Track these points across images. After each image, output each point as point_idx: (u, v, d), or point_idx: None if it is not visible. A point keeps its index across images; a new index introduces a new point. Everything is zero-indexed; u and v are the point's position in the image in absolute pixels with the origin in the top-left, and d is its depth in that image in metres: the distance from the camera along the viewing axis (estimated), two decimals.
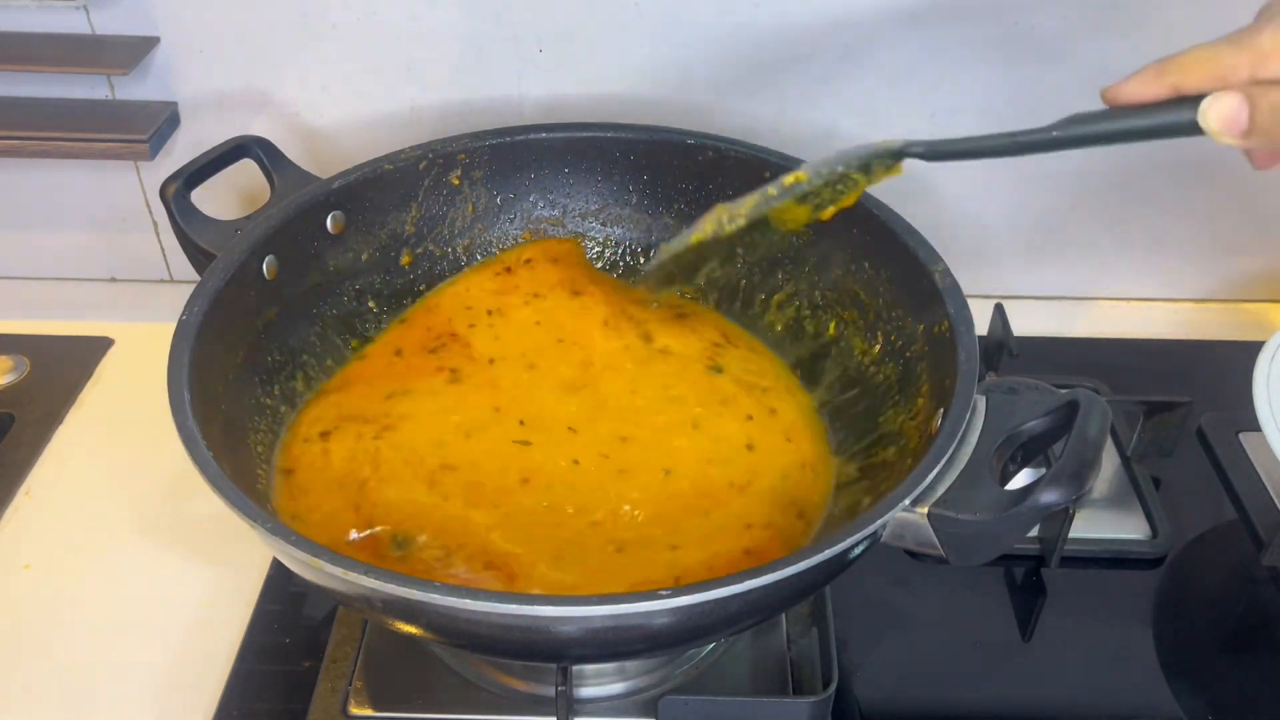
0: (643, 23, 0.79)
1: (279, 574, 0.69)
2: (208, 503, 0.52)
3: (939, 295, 0.62)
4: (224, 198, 0.82)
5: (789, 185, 0.61)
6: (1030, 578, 0.71)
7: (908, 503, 0.51)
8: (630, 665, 0.63)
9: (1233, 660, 0.68)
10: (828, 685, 0.59)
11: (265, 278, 0.67)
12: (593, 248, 0.80)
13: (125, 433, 0.79)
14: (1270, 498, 0.74)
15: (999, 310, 0.76)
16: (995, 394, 0.55)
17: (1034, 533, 0.71)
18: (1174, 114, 0.46)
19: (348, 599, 0.53)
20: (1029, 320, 0.83)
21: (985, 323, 0.76)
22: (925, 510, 0.50)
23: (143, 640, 0.66)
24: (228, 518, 0.51)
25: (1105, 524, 0.72)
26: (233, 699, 0.63)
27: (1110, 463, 0.76)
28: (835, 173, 0.58)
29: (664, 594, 0.47)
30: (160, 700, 0.64)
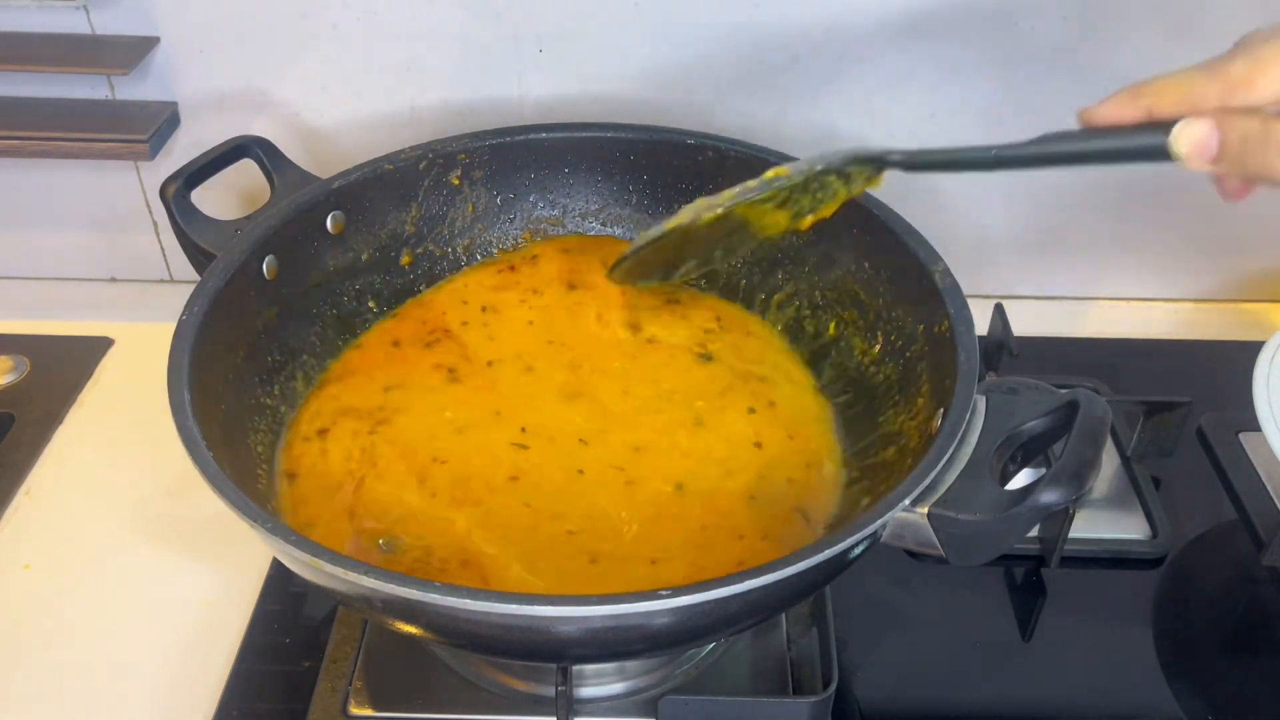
0: (643, 23, 0.79)
1: (279, 574, 0.69)
2: (208, 503, 0.52)
3: (939, 295, 0.62)
4: (224, 198, 0.82)
5: (769, 179, 0.61)
6: (1030, 578, 0.71)
7: (908, 503, 0.51)
8: (630, 665, 0.63)
9: (1233, 660, 0.68)
10: (828, 685, 0.59)
11: (265, 278, 0.67)
12: None
13: (125, 433, 0.79)
14: (1270, 498, 0.74)
15: (999, 310, 0.76)
16: (995, 394, 0.55)
17: (1034, 533, 0.71)
18: (1146, 137, 0.47)
19: (348, 599, 0.53)
20: (1029, 320, 0.84)
21: (985, 323, 0.76)
22: (925, 510, 0.50)
23: (143, 640, 0.66)
24: (228, 518, 0.51)
25: (1105, 524, 0.72)
26: (233, 699, 0.63)
27: (1110, 463, 0.76)
28: (814, 171, 0.58)
29: (664, 594, 0.47)
30: (160, 700, 0.64)
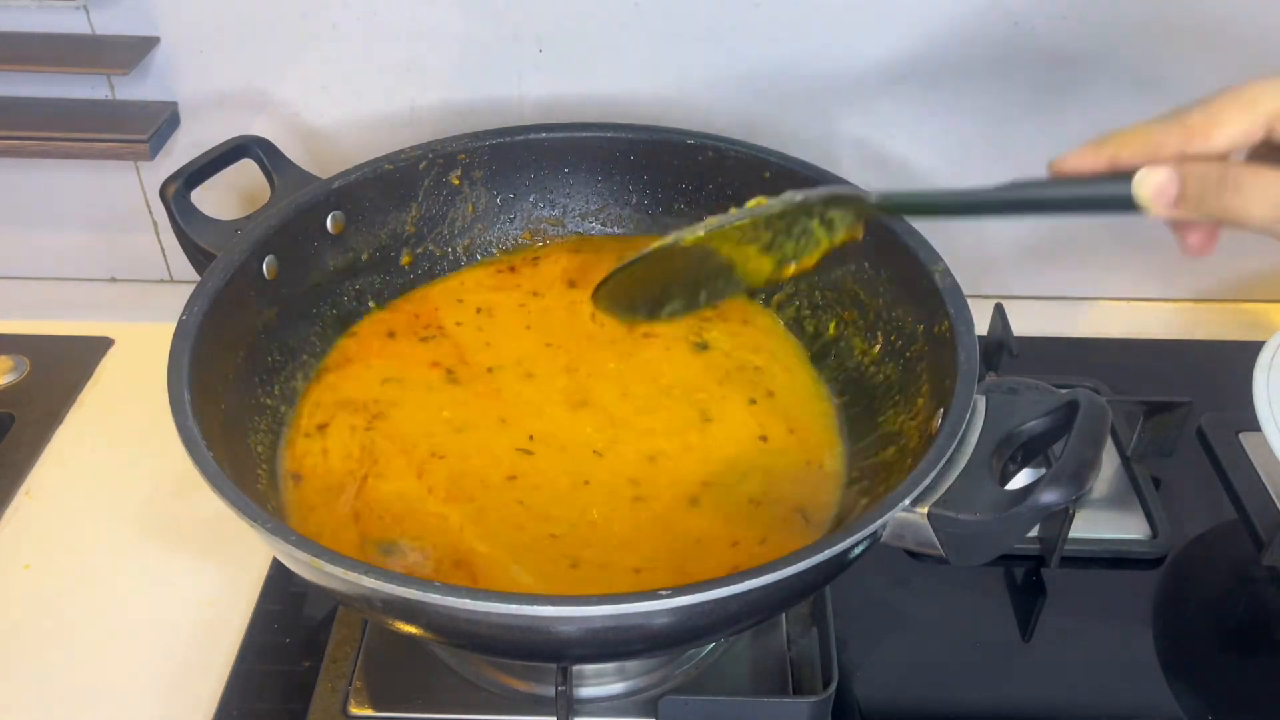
0: (643, 23, 0.79)
1: (279, 574, 0.69)
2: (208, 503, 0.52)
3: (939, 295, 0.62)
4: (224, 198, 0.82)
5: (750, 208, 0.61)
6: (1030, 578, 0.71)
7: (908, 503, 0.51)
8: (630, 665, 0.63)
9: (1233, 660, 0.68)
10: (828, 685, 0.59)
11: (265, 278, 0.67)
12: None
13: (125, 433, 0.79)
14: (1270, 498, 0.74)
15: (999, 310, 0.76)
16: (995, 394, 0.55)
17: (1034, 533, 0.71)
18: (1111, 186, 0.48)
19: (348, 599, 0.53)
20: (1029, 320, 0.83)
21: (985, 323, 0.76)
22: (925, 510, 0.50)
23: (143, 640, 0.66)
24: (228, 518, 0.51)
25: (1105, 524, 0.72)
26: (233, 699, 0.63)
27: (1110, 463, 0.76)
28: (794, 202, 0.58)
29: (664, 594, 0.47)
30: (160, 700, 0.64)
